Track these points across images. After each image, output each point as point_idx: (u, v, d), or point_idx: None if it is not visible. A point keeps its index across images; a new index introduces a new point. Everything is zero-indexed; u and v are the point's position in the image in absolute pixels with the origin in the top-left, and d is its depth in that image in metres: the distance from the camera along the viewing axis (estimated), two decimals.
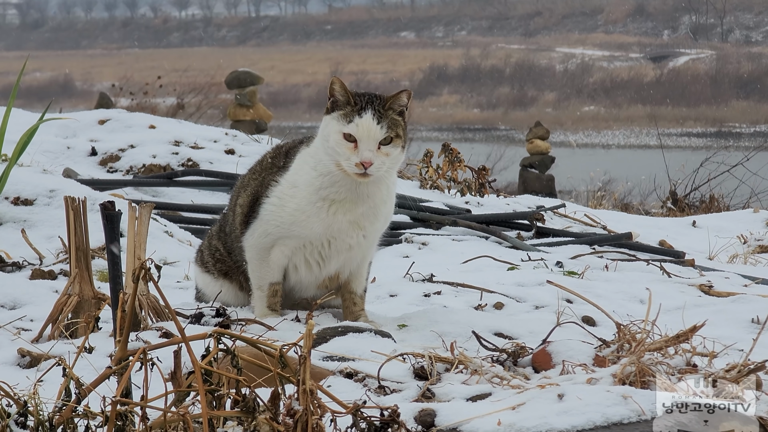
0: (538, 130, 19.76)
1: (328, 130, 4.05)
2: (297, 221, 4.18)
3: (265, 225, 4.24)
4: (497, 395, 3.31)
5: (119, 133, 10.34)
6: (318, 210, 4.14)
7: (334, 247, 4.24)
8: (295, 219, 4.17)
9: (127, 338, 2.99)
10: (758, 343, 3.61)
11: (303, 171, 4.17)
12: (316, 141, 4.17)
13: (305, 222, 4.17)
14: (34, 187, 6.25)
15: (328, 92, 4.07)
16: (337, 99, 4.06)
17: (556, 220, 8.86)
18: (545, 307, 5.13)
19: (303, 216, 4.16)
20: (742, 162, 14.71)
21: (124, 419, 2.83)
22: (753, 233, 8.88)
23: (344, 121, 4.00)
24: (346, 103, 4.03)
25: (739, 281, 6.58)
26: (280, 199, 4.19)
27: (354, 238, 4.23)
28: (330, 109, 4.07)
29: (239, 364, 2.90)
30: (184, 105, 26.68)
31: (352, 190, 4.11)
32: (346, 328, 3.92)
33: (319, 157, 4.12)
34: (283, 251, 4.26)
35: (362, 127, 3.97)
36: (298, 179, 4.17)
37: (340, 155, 4.01)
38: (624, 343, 3.69)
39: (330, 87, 4.06)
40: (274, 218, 4.21)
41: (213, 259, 4.55)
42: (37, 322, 4.32)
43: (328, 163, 4.06)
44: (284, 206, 4.18)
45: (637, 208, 15.85)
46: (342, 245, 4.24)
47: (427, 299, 5.24)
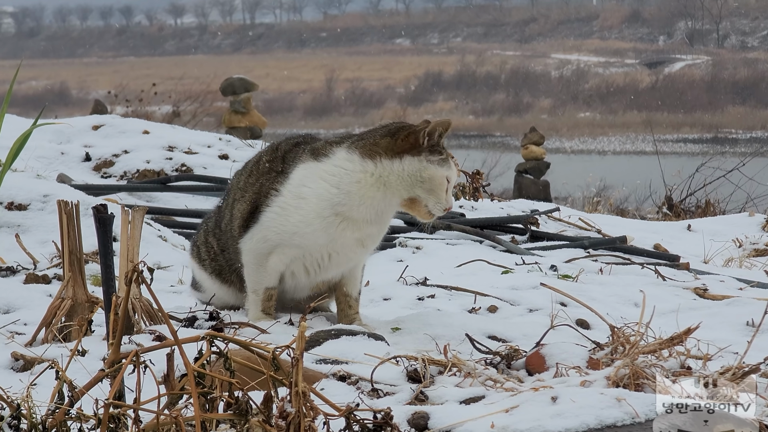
0: (533, 136, 19.77)
1: (429, 172, 4.08)
2: (300, 232, 4.16)
3: (265, 231, 4.22)
4: (491, 398, 3.31)
5: (113, 139, 10.33)
6: (327, 224, 4.14)
7: (335, 259, 4.25)
8: (298, 230, 4.16)
9: (120, 341, 2.98)
10: (753, 346, 3.60)
11: (315, 184, 4.14)
12: (348, 163, 4.13)
13: (309, 234, 4.16)
14: (27, 192, 6.25)
15: (424, 134, 4.08)
16: (436, 142, 4.10)
17: (550, 224, 8.86)
18: (539, 311, 5.12)
19: (308, 228, 4.15)
20: (737, 167, 14.71)
21: (117, 422, 2.83)
22: (748, 237, 8.88)
23: (445, 166, 4.10)
24: (441, 149, 4.11)
25: (734, 284, 6.58)
26: (283, 209, 4.16)
27: (356, 253, 4.27)
28: (424, 151, 4.09)
29: (232, 366, 2.90)
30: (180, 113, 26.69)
31: (373, 212, 4.15)
32: (339, 331, 3.92)
33: (353, 179, 4.11)
34: (282, 258, 4.25)
35: (453, 175, 4.11)
36: (306, 192, 4.14)
37: (437, 197, 4.11)
38: (618, 346, 3.68)
39: (432, 129, 4.08)
40: (275, 226, 4.19)
41: (208, 257, 4.52)
42: (30, 325, 4.32)
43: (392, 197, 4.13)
44: (288, 216, 4.16)
45: (632, 213, 15.86)
46: (342, 258, 4.26)
47: (421, 302, 5.24)
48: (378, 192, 4.11)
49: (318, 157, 4.17)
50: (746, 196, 14.39)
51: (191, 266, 4.68)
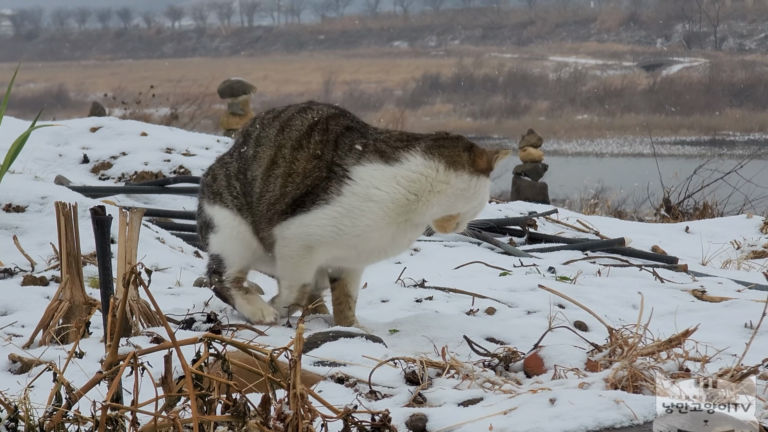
0: (530, 138, 19.75)
1: (486, 197, 4.20)
2: (364, 235, 4.08)
3: (318, 228, 4.09)
4: (489, 400, 3.30)
5: (111, 141, 10.34)
6: (395, 229, 4.10)
7: (378, 257, 4.27)
8: (363, 233, 4.08)
9: (118, 343, 2.98)
10: (751, 348, 3.61)
11: (389, 188, 4.05)
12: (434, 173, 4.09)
13: (374, 238, 4.10)
14: (25, 194, 6.24)
15: (496, 159, 4.14)
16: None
17: (548, 226, 8.87)
18: (537, 312, 5.12)
19: (375, 233, 4.08)
20: (735, 169, 14.73)
21: (115, 424, 2.82)
22: (746, 239, 8.88)
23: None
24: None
25: (733, 286, 6.57)
26: (348, 210, 4.03)
27: (401, 251, 4.36)
28: (489, 175, 4.17)
29: (230, 368, 2.89)
30: (178, 115, 26.67)
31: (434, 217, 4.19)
32: (337, 333, 3.91)
33: (434, 188, 4.09)
34: (327, 255, 4.18)
35: None
36: (377, 195, 4.04)
37: (473, 218, 4.23)
38: (616, 348, 3.69)
39: (502, 157, 4.15)
40: (335, 225, 4.06)
41: (231, 196, 4.30)
42: (28, 327, 4.31)
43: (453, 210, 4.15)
44: (354, 219, 4.04)
45: (630, 215, 15.86)
46: (387, 257, 4.30)
47: (419, 304, 5.24)
48: (448, 202, 4.09)
49: (389, 160, 4.07)
50: (744, 198, 14.40)
51: (209, 211, 4.37)
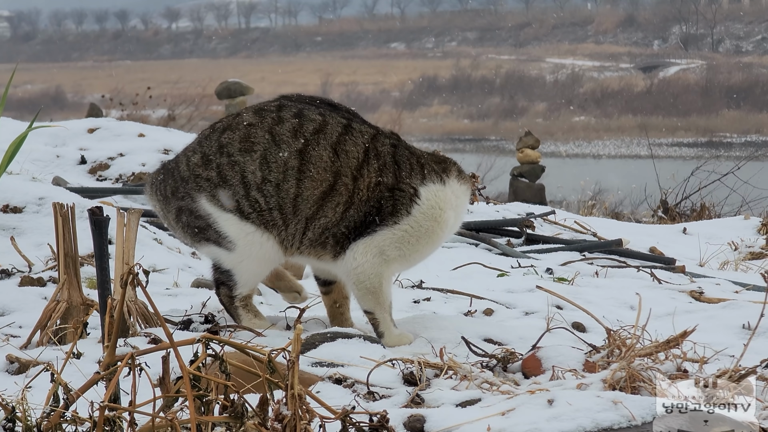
0: (528, 140, 19.74)
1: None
2: (424, 252, 4.27)
3: (391, 250, 4.14)
4: (487, 401, 3.30)
5: (108, 142, 10.33)
6: (441, 244, 4.36)
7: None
8: (425, 252, 4.28)
9: (116, 344, 2.97)
10: (749, 349, 3.61)
11: (448, 208, 4.21)
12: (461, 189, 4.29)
13: (430, 254, 4.33)
14: (23, 195, 6.24)
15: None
16: None
17: (546, 227, 8.86)
18: (535, 313, 5.12)
19: (433, 250, 4.32)
20: (732, 171, 14.73)
21: (113, 425, 2.82)
22: (744, 240, 8.88)
23: None
24: None
25: (730, 287, 6.57)
26: (416, 230, 4.15)
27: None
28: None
29: (228, 369, 2.89)
30: (175, 116, 26.66)
31: None
32: (335, 334, 3.91)
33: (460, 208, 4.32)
34: (393, 271, 4.31)
35: None
36: (442, 216, 4.19)
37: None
38: (614, 349, 3.68)
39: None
40: (402, 245, 4.15)
41: (252, 209, 4.12)
42: (25, 328, 4.31)
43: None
44: (420, 239, 4.17)
45: (627, 217, 15.86)
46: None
47: (417, 305, 5.24)
48: (460, 218, 4.36)
49: (442, 181, 4.22)
50: (741, 199, 14.40)
51: (223, 223, 4.16)
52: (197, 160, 4.17)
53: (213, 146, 4.16)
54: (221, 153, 4.14)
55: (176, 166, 4.25)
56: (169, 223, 4.33)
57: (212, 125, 4.30)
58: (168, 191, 4.24)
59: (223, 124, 4.23)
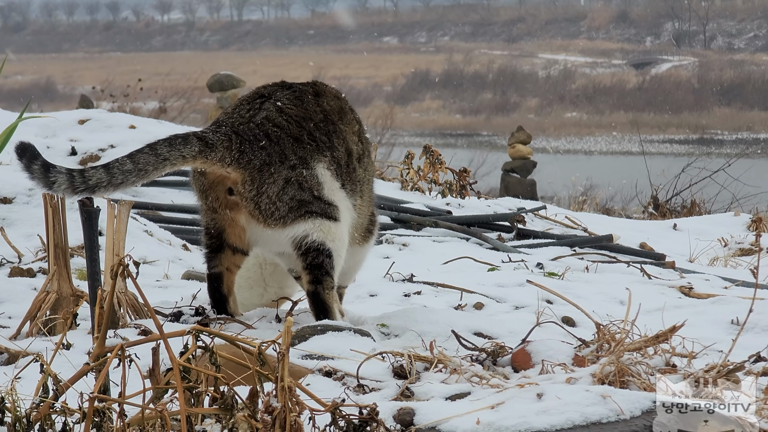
0: (519, 135, 19.79)
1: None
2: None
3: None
4: (476, 394, 3.30)
5: (99, 133, 10.30)
6: None
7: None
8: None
9: (105, 335, 2.97)
10: (737, 344, 3.62)
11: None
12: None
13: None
14: (13, 186, 6.23)
15: None
16: None
17: (537, 222, 8.88)
18: (525, 308, 5.13)
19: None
20: (723, 168, 14.78)
21: (102, 416, 2.82)
22: (734, 236, 8.90)
23: None
24: None
25: (720, 283, 6.60)
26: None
27: None
28: None
29: (218, 361, 2.89)
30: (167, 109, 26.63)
31: None
32: (325, 326, 3.91)
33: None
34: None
35: None
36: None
37: None
38: (603, 343, 3.69)
39: None
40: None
41: (350, 180, 4.12)
42: (15, 319, 4.31)
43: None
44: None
45: (618, 212, 15.90)
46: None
47: (407, 299, 5.25)
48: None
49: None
50: (732, 196, 14.44)
51: (335, 189, 4.06)
52: (312, 126, 4.04)
53: (318, 112, 4.10)
54: (327, 121, 4.10)
55: (279, 130, 3.98)
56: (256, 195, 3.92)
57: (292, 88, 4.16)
58: (273, 158, 3.93)
59: (306, 90, 4.15)
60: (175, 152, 3.79)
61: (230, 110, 4.10)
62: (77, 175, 3.68)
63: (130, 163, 3.75)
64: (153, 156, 3.77)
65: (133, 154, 3.78)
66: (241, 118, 3.98)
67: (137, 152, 3.78)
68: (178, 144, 3.80)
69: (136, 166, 3.75)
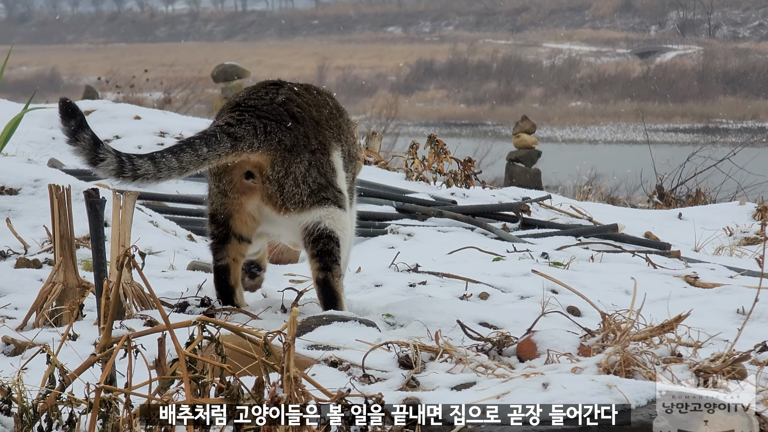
0: (524, 125, 19.76)
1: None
2: None
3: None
4: (482, 384, 3.31)
5: (104, 124, 10.31)
6: None
7: None
8: None
9: (111, 326, 2.98)
10: (743, 334, 3.62)
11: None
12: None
13: None
14: (18, 177, 6.23)
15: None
16: None
17: (542, 212, 8.87)
18: (530, 298, 5.13)
19: None
20: (728, 157, 14.76)
21: (108, 406, 2.82)
22: (739, 225, 8.89)
23: None
24: None
25: (725, 273, 6.59)
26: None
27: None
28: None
29: (224, 351, 2.90)
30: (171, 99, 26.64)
31: None
32: (330, 317, 3.92)
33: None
34: None
35: None
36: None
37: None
38: (609, 333, 3.69)
39: None
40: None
41: (349, 172, 4.25)
42: (21, 310, 4.32)
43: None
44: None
45: (623, 202, 15.88)
46: None
47: (413, 289, 5.24)
48: None
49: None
50: (737, 185, 14.42)
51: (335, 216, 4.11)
52: (327, 113, 4.14)
53: (326, 103, 4.21)
54: (333, 114, 4.21)
55: (302, 111, 4.06)
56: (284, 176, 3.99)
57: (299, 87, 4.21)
58: (300, 140, 4.00)
59: (309, 86, 4.26)
60: (212, 152, 3.86)
61: (244, 95, 4.12)
62: (127, 161, 3.77)
63: (175, 161, 3.83)
64: (195, 156, 3.85)
65: (175, 151, 3.87)
66: (261, 100, 4.00)
67: (179, 151, 3.86)
68: (214, 143, 3.88)
69: (180, 164, 3.84)
